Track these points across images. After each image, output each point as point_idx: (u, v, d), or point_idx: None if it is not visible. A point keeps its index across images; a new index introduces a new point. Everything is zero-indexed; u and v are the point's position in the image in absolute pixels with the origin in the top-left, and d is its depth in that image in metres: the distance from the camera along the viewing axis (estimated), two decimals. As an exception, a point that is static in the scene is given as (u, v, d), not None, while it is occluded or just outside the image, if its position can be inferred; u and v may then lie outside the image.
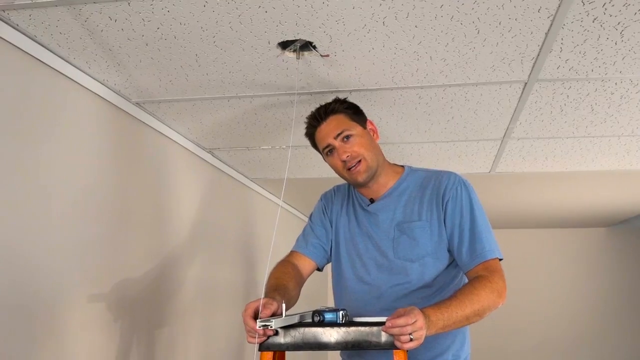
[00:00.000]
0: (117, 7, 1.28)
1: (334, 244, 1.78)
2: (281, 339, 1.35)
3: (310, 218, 1.85)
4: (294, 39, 1.44)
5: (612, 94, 1.84)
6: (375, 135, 1.70)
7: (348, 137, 1.61)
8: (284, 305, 1.36)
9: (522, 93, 1.83)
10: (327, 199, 1.85)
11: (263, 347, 1.36)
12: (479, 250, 1.55)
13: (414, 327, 1.27)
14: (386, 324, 1.28)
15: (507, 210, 4.40)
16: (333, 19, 1.33)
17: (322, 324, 1.37)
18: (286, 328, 1.35)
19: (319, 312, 1.39)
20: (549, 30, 1.39)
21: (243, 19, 1.33)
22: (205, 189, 2.55)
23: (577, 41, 1.46)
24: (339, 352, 1.83)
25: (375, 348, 1.33)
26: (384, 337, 1.32)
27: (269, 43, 1.46)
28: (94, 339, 1.67)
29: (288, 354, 1.50)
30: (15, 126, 1.38)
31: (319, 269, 1.81)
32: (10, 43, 1.37)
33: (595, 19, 1.35)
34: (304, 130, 1.73)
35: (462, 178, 1.66)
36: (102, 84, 1.72)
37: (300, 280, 1.70)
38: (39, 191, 1.46)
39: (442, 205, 1.62)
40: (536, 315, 5.62)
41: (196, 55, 1.53)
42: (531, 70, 1.64)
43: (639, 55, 1.55)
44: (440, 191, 1.63)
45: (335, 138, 1.62)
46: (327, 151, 1.66)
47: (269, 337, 1.35)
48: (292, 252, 1.77)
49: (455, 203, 1.60)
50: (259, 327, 1.29)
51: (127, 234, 1.88)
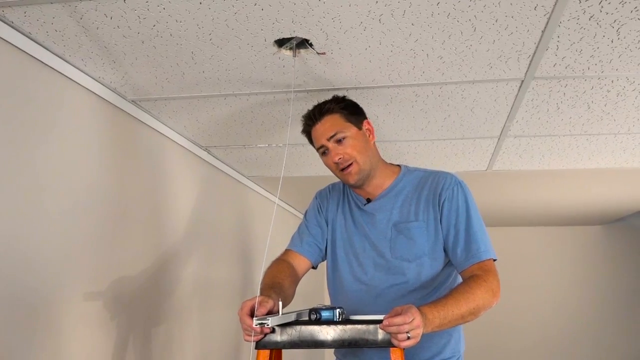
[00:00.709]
0: (113, 5, 1.28)
1: (329, 243, 1.78)
2: (278, 337, 1.35)
3: (305, 216, 1.85)
4: (290, 36, 1.43)
5: (609, 91, 1.84)
6: (371, 135, 1.70)
7: (341, 140, 1.62)
8: (280, 303, 1.36)
9: (519, 91, 1.83)
10: (322, 197, 1.85)
11: (260, 345, 1.36)
12: (474, 250, 1.56)
13: (411, 326, 1.27)
14: (383, 322, 1.29)
15: (504, 208, 4.41)
16: (329, 17, 1.33)
17: (319, 321, 1.37)
18: (283, 326, 1.35)
19: (315, 310, 1.39)
20: (545, 27, 1.39)
21: (239, 16, 1.32)
22: (201, 187, 2.55)
23: (574, 39, 1.46)
24: (332, 351, 1.83)
25: (372, 346, 1.33)
26: (380, 335, 1.32)
27: (265, 41, 1.46)
28: (90, 336, 1.67)
29: (285, 352, 1.50)
30: (10, 124, 1.38)
31: (314, 267, 1.81)
32: (5, 40, 1.36)
33: (591, 17, 1.35)
34: (298, 128, 1.74)
35: (459, 179, 1.68)
36: (98, 82, 1.72)
37: (296, 279, 1.70)
38: (35, 189, 1.45)
39: (439, 205, 1.63)
40: (532, 312, 5.64)
41: (192, 52, 1.53)
42: (528, 67, 1.64)
43: (635, 53, 1.55)
44: (437, 191, 1.65)
45: (329, 140, 1.63)
46: (322, 151, 1.67)
47: (265, 335, 1.35)
48: (287, 251, 1.77)
49: (452, 203, 1.62)
50: (256, 326, 1.29)
51: (124, 232, 1.87)
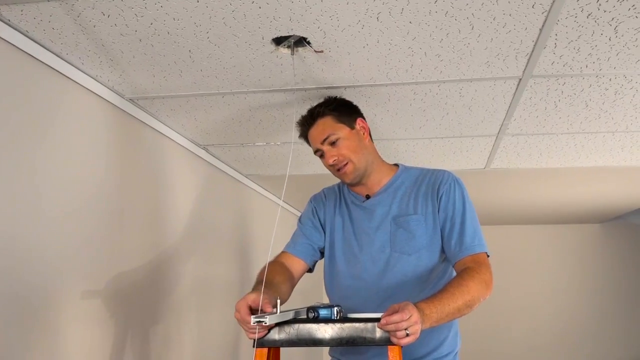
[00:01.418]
0: (110, 2, 1.27)
1: (327, 245, 1.79)
2: (276, 335, 1.35)
3: (299, 220, 1.87)
4: (288, 34, 1.43)
5: (607, 89, 1.84)
6: (365, 133, 1.73)
7: (335, 142, 1.66)
8: (278, 301, 1.36)
9: (517, 89, 1.83)
10: (317, 200, 1.87)
11: (257, 344, 1.36)
12: (468, 243, 1.59)
13: (409, 323, 1.27)
14: (381, 321, 1.29)
15: (502, 206, 4.41)
16: (327, 15, 1.33)
17: (317, 320, 1.37)
18: (281, 324, 1.35)
19: (313, 309, 1.39)
20: (543, 26, 1.39)
21: (237, 14, 1.32)
22: (200, 186, 2.54)
23: (572, 37, 1.46)
24: (328, 351, 1.83)
25: (370, 344, 1.33)
26: (378, 333, 1.32)
27: (263, 39, 1.46)
28: (88, 334, 1.66)
29: (283, 350, 1.50)
30: (7, 123, 1.37)
31: (310, 270, 1.82)
32: (1, 39, 1.36)
33: (589, 15, 1.34)
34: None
35: (456, 176, 1.72)
36: (96, 80, 1.71)
37: (291, 279, 1.70)
38: (33, 187, 1.45)
39: (437, 199, 1.67)
40: (531, 310, 5.64)
41: (190, 51, 1.52)
42: (525, 66, 1.64)
43: (633, 51, 1.55)
44: (435, 186, 1.69)
45: (322, 143, 1.68)
46: (319, 155, 1.72)
47: (269, 331, 1.35)
48: (282, 253, 1.79)
49: (449, 197, 1.66)
50: (253, 323, 1.29)
51: (123, 230, 1.87)
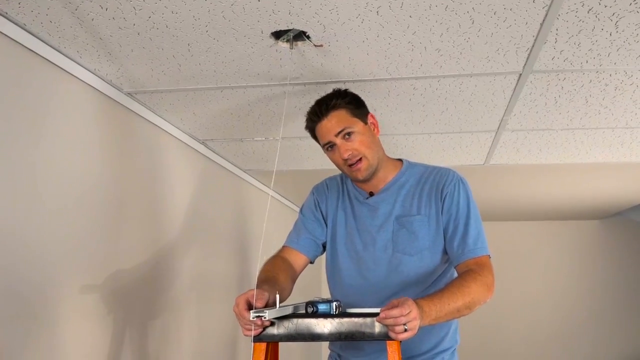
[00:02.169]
0: (108, -5, 1.27)
1: (329, 239, 1.77)
2: (274, 330, 1.35)
3: (301, 211, 1.83)
4: (288, 28, 1.42)
5: (607, 85, 1.83)
6: (376, 129, 1.71)
7: (349, 134, 1.61)
8: (277, 296, 1.35)
9: (517, 84, 1.82)
10: (320, 192, 1.83)
11: (256, 338, 1.36)
12: (471, 245, 1.58)
13: (408, 318, 1.27)
14: (380, 315, 1.29)
15: (501, 202, 4.41)
16: (327, 8, 1.32)
17: (316, 315, 1.36)
18: (279, 319, 1.35)
19: (312, 303, 1.39)
20: (543, 20, 1.38)
21: (236, 7, 1.31)
22: (198, 181, 2.54)
23: (572, 32, 1.45)
24: (327, 345, 1.83)
25: (369, 339, 1.33)
26: (377, 328, 1.32)
27: (262, 33, 1.45)
28: (86, 329, 1.66)
29: (281, 345, 1.50)
30: (4, 116, 1.37)
31: (311, 262, 1.81)
32: (-1, 32, 1.35)
33: (590, 10, 1.34)
34: (296, 122, 1.73)
35: (461, 176, 1.70)
36: (94, 74, 1.71)
37: (293, 275, 1.69)
38: (30, 182, 1.45)
39: (441, 200, 1.65)
40: (529, 307, 5.65)
41: (188, 44, 1.52)
42: (526, 61, 1.63)
43: (633, 47, 1.54)
44: (439, 186, 1.66)
45: (337, 135, 1.61)
46: (328, 147, 1.66)
47: (265, 329, 1.35)
48: (284, 247, 1.76)
49: (453, 198, 1.64)
50: (252, 318, 1.29)
51: (121, 225, 1.87)
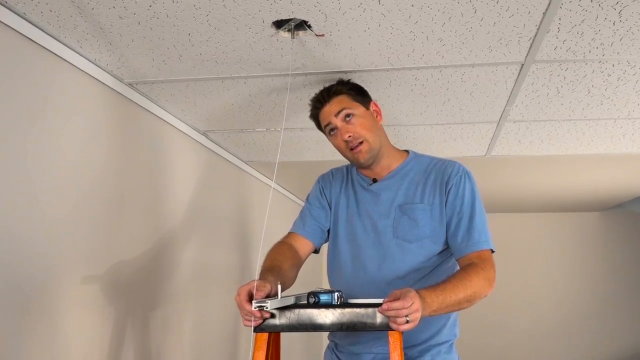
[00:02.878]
0: (108, -16, 1.26)
1: (332, 225, 1.78)
2: (276, 321, 1.35)
3: (307, 199, 1.84)
4: (289, 17, 1.41)
5: (609, 75, 1.83)
6: (379, 117, 1.73)
7: (349, 116, 1.64)
8: (279, 286, 1.35)
9: (519, 75, 1.81)
10: (325, 180, 1.85)
11: (258, 329, 1.36)
12: (475, 238, 1.58)
13: (410, 310, 1.28)
14: (382, 307, 1.29)
15: (502, 193, 4.41)
16: (328, -3, 1.31)
17: (318, 305, 1.37)
18: (281, 309, 1.35)
19: (314, 294, 1.39)
20: (546, 9, 1.37)
21: (237, -4, 1.31)
22: (199, 172, 2.54)
23: (575, 21, 1.44)
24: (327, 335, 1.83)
25: (371, 329, 1.33)
26: (379, 319, 1.32)
27: (263, 22, 1.44)
28: (88, 321, 1.66)
29: (283, 335, 1.50)
30: (4, 106, 1.36)
31: (316, 251, 1.81)
32: (-1, 21, 1.35)
33: (593, -2, 1.33)
34: (297, 113, 1.74)
35: (466, 169, 1.69)
36: (94, 64, 1.70)
37: (298, 261, 1.70)
38: (30, 173, 1.44)
39: (445, 191, 1.65)
40: (530, 299, 5.66)
41: (189, 34, 1.51)
42: (528, 51, 1.63)
43: (637, 36, 1.53)
44: (444, 177, 1.67)
45: (336, 116, 1.64)
46: (330, 130, 1.68)
47: (265, 320, 1.35)
48: (290, 234, 1.78)
49: (458, 190, 1.64)
50: (254, 308, 1.29)
51: (122, 216, 1.86)
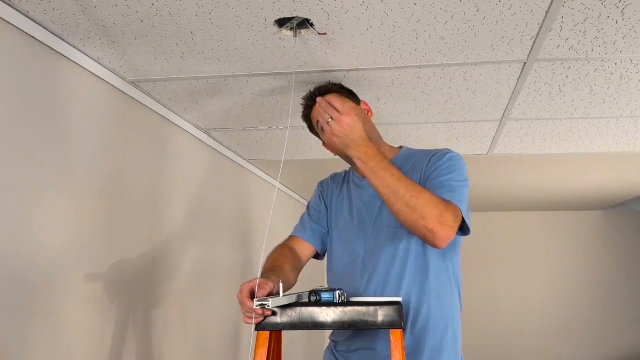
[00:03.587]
0: (111, -17, 1.26)
1: (330, 228, 1.79)
2: (278, 319, 1.36)
3: (307, 206, 1.87)
4: (291, 16, 1.41)
5: (612, 74, 1.82)
6: (370, 113, 1.74)
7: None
8: (281, 284, 1.36)
9: (522, 73, 1.81)
10: (325, 185, 1.87)
11: (260, 327, 1.37)
12: (446, 196, 1.48)
13: (337, 120, 1.43)
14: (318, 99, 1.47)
15: (504, 192, 4.40)
16: (331, -4, 1.31)
17: (319, 303, 1.37)
18: (283, 308, 1.36)
19: (315, 292, 1.39)
20: (549, 8, 1.37)
21: (239, -5, 1.31)
22: (202, 170, 2.54)
23: (578, 20, 1.44)
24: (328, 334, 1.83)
25: (372, 328, 1.33)
26: (380, 317, 1.32)
27: (265, 20, 1.44)
28: (90, 318, 1.67)
29: (285, 333, 1.50)
30: (7, 105, 1.37)
31: (320, 257, 1.83)
32: (2, 19, 1.34)
33: (596, -3, 1.33)
34: (299, 111, 1.75)
35: (455, 152, 1.64)
36: (97, 62, 1.70)
37: (298, 264, 1.71)
38: (34, 170, 1.45)
39: (426, 165, 1.61)
40: (531, 297, 5.66)
41: (192, 32, 1.51)
42: (531, 49, 1.62)
43: None
44: (427, 160, 1.62)
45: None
46: (322, 127, 1.63)
47: (266, 318, 1.35)
48: (290, 237, 1.80)
49: (438, 162, 1.59)
50: (256, 306, 1.29)
51: (124, 215, 1.87)
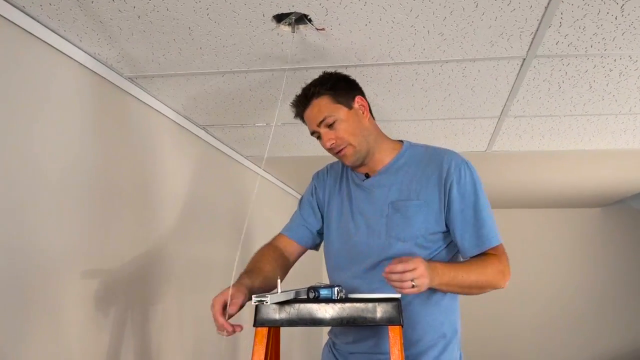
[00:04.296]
0: (108, -23, 1.25)
1: (325, 224, 1.75)
2: (276, 315, 1.35)
3: (300, 200, 1.83)
4: (289, 11, 1.41)
5: (611, 70, 1.82)
6: (365, 112, 1.62)
7: (332, 124, 1.56)
8: (279, 281, 1.35)
9: (520, 69, 1.81)
10: (319, 179, 1.81)
11: (258, 323, 1.36)
12: (485, 236, 1.53)
13: (415, 274, 1.30)
14: (385, 269, 1.32)
15: (503, 189, 4.40)
16: (329, -9, 1.31)
17: (317, 300, 1.36)
18: (281, 304, 1.35)
19: (314, 289, 1.39)
20: (548, 3, 1.37)
21: (237, -10, 1.30)
22: (199, 166, 2.53)
23: (577, 15, 1.44)
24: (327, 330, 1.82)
25: (371, 324, 1.33)
26: (379, 313, 1.32)
27: (263, 16, 1.43)
28: (87, 315, 1.66)
29: (283, 330, 1.50)
30: (2, 99, 1.36)
31: (315, 249, 1.81)
32: (-2, 14, 1.34)
33: (596, -8, 1.32)
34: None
35: (464, 159, 1.60)
36: (94, 58, 1.69)
37: (284, 263, 1.69)
38: (29, 166, 1.44)
39: (444, 188, 1.56)
40: (530, 294, 5.66)
41: (189, 28, 1.50)
42: (530, 45, 1.62)
43: (639, 31, 1.52)
44: (442, 173, 1.57)
45: (319, 125, 1.58)
46: (316, 137, 1.63)
47: (235, 332, 1.36)
48: (278, 235, 1.77)
49: (459, 186, 1.55)
50: (255, 303, 1.30)
51: (120, 211, 1.86)
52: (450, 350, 1.60)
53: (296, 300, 1.37)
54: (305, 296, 1.40)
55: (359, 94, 1.63)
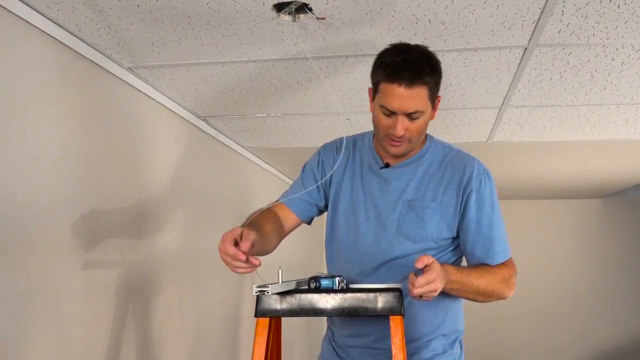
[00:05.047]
0: (107, -34, 1.24)
1: (330, 204, 1.67)
2: (277, 305, 1.35)
3: (303, 168, 1.72)
4: (290, 0, 1.40)
5: (613, 59, 1.81)
6: (434, 112, 1.51)
7: (415, 118, 1.44)
8: (280, 271, 1.35)
9: (522, 59, 1.80)
10: (327, 152, 1.68)
11: (259, 313, 1.36)
12: (497, 251, 1.55)
13: (437, 286, 1.30)
14: (413, 292, 1.29)
15: (503, 180, 4.40)
16: (330, -21, 1.30)
17: (319, 290, 1.36)
18: (283, 294, 1.35)
19: (315, 279, 1.39)
20: (551, -8, 1.36)
21: (237, -22, 1.29)
22: (200, 158, 2.53)
23: (580, 4, 1.43)
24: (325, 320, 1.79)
25: (372, 314, 1.33)
26: (380, 303, 1.32)
27: (263, 5, 1.42)
28: (89, 305, 1.66)
29: (284, 320, 1.50)
30: (2, 91, 1.35)
31: (309, 224, 1.73)
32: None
33: (599, -20, 1.31)
34: (297, 97, 1.65)
35: (486, 168, 1.56)
36: (93, 48, 1.68)
37: (280, 230, 1.61)
38: (29, 165, 1.44)
39: (463, 194, 1.52)
40: (530, 285, 5.65)
41: (189, 17, 1.49)
42: (532, 34, 1.61)
43: (641, 19, 1.52)
44: (463, 179, 1.52)
45: (407, 114, 1.43)
46: (387, 113, 1.44)
47: (254, 266, 1.30)
48: (278, 203, 1.66)
49: (478, 195, 1.52)
50: (256, 293, 1.29)
51: (121, 204, 1.86)
52: (450, 349, 1.59)
53: (297, 290, 1.37)
54: (307, 286, 1.40)
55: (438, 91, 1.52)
